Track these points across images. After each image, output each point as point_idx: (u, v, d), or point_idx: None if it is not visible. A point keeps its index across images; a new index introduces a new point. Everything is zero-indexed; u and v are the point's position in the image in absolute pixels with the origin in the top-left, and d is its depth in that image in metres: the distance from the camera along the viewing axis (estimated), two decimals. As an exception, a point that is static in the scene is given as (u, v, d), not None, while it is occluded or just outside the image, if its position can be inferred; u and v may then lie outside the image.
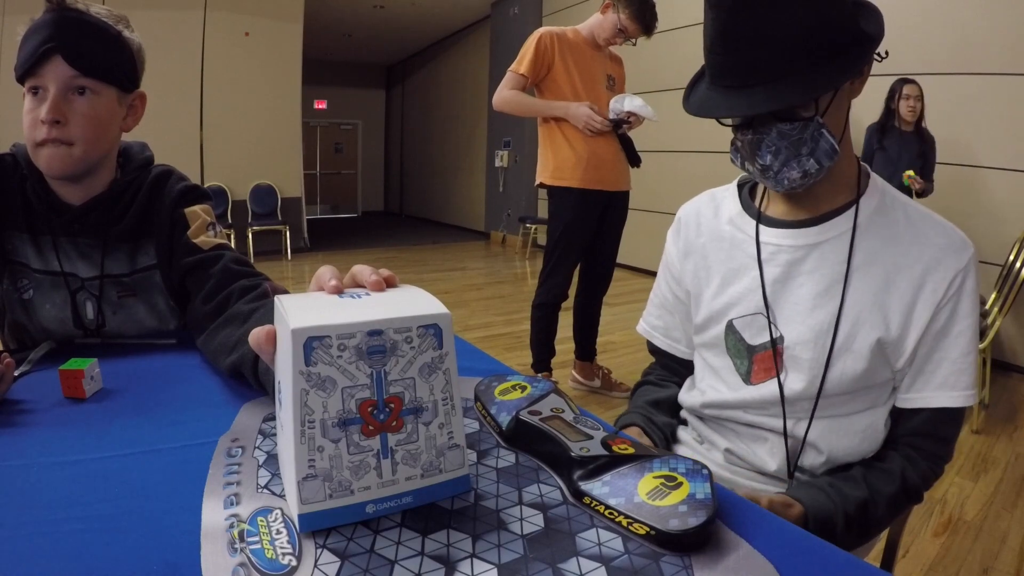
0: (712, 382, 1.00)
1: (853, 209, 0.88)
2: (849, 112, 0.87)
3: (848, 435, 0.90)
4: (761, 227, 0.94)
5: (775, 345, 0.91)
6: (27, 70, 0.93)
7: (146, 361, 0.97)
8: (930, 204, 0.91)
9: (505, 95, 2.72)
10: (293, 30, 7.35)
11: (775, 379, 0.91)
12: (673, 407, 1.09)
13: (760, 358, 0.93)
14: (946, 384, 0.85)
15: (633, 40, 2.69)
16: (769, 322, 0.91)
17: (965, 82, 3.86)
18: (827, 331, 0.87)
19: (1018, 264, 2.91)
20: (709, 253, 1.00)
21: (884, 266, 0.86)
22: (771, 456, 0.93)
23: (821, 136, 0.81)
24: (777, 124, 0.81)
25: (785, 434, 0.91)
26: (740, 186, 1.02)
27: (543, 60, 2.65)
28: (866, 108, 3.75)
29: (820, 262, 0.89)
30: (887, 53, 1.00)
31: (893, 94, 3.72)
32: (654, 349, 1.14)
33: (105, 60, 0.98)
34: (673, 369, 1.13)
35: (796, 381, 0.89)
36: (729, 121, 0.87)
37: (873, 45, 0.80)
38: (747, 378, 0.94)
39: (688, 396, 1.05)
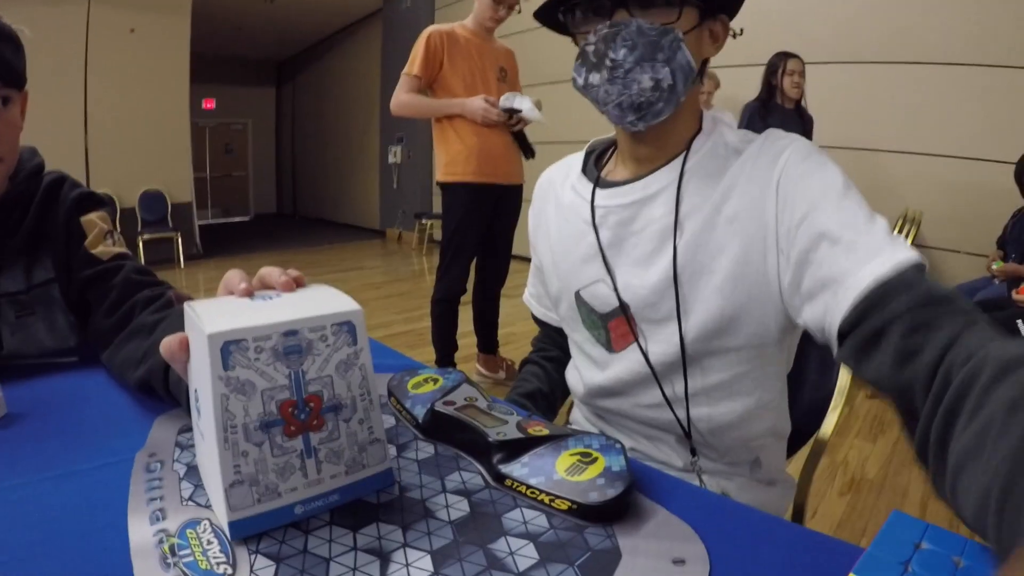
0: (581, 360, 0.97)
1: (681, 157, 0.82)
2: (704, 70, 0.83)
3: (738, 420, 0.85)
4: (597, 190, 0.88)
5: (625, 311, 0.86)
6: None
7: (50, 381, 0.91)
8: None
9: (401, 99, 2.72)
10: (180, 24, 6.88)
11: (634, 345, 0.87)
12: (548, 397, 1.04)
13: (614, 325, 0.88)
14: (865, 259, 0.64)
15: (518, 6, 2.70)
16: (615, 289, 0.86)
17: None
18: (667, 288, 0.81)
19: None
20: (552, 222, 0.96)
21: (712, 203, 0.78)
22: (673, 451, 0.90)
23: (679, 49, 0.75)
24: (638, 20, 0.74)
25: (683, 424, 0.87)
26: (589, 153, 0.96)
27: (434, 59, 2.66)
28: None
29: (648, 220, 0.82)
30: (742, 31, 1.06)
31: (775, 69, 3.48)
32: (535, 317, 1.11)
33: (17, 64, 0.86)
34: (553, 339, 1.09)
35: (655, 344, 0.84)
36: (584, 29, 0.79)
37: (733, 9, 0.81)
38: (608, 346, 0.90)
39: (571, 376, 1.01)
